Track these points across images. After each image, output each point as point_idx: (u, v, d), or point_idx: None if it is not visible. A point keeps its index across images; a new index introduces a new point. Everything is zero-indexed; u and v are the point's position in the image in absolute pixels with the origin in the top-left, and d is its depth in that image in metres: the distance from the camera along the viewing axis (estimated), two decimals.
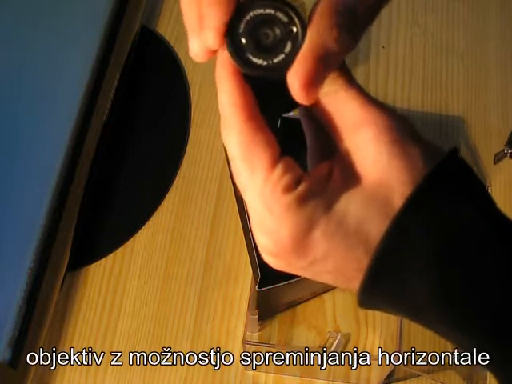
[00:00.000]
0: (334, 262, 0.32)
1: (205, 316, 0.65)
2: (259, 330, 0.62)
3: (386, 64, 0.78)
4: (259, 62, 0.32)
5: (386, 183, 0.31)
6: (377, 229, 0.31)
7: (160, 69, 0.77)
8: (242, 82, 0.33)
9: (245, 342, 0.58)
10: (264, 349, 0.58)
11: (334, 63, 0.32)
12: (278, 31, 0.32)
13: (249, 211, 0.33)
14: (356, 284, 0.32)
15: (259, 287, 0.56)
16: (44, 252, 0.60)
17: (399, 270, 0.31)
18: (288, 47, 0.32)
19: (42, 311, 0.60)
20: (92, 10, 0.71)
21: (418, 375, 0.62)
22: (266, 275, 0.57)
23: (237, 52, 0.32)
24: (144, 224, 0.69)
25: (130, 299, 0.65)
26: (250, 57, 0.32)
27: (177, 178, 0.71)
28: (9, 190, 0.62)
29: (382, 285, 0.32)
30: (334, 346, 0.61)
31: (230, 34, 0.32)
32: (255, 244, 0.34)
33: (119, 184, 0.71)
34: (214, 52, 0.33)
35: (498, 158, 0.71)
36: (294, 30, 0.32)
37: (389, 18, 0.81)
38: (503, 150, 0.72)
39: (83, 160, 0.66)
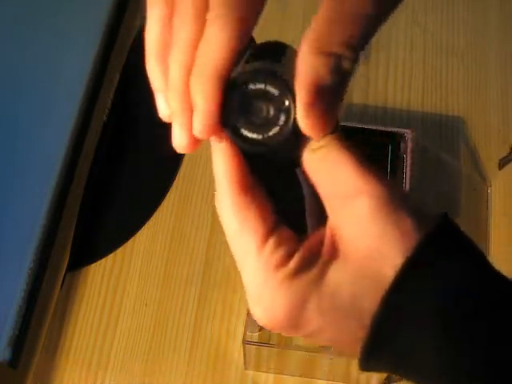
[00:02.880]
0: (328, 335, 0.32)
1: (205, 316, 0.65)
2: (259, 330, 0.62)
3: (385, 64, 0.78)
4: (253, 136, 0.32)
5: (378, 255, 0.31)
6: (370, 301, 0.31)
7: None
8: (236, 153, 0.33)
9: (245, 342, 0.58)
10: (264, 349, 0.58)
11: (332, 91, 0.31)
12: (270, 105, 0.32)
13: (244, 284, 0.34)
14: (353, 352, 0.32)
15: None
16: (44, 252, 0.60)
17: (395, 342, 0.31)
18: (281, 119, 0.32)
19: (41, 311, 0.60)
20: (92, 10, 0.71)
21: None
22: None
23: (230, 127, 0.32)
24: (144, 224, 0.69)
25: (129, 299, 0.65)
26: (244, 132, 0.32)
27: (177, 178, 0.71)
28: (9, 190, 0.62)
29: (380, 358, 0.32)
30: None
31: (221, 110, 0.32)
32: None
33: (119, 184, 0.71)
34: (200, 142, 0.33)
35: (502, 163, 0.71)
36: (286, 103, 0.31)
37: (389, 18, 0.80)
38: (508, 155, 0.71)
39: (83, 160, 0.66)
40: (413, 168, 0.64)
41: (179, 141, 0.33)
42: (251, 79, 0.32)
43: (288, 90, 0.31)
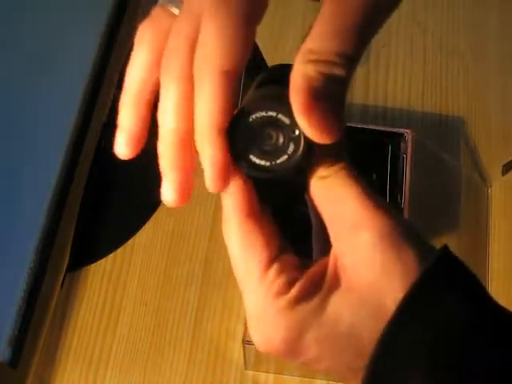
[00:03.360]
0: (326, 363, 0.32)
1: (205, 316, 0.65)
2: None
3: (385, 64, 0.78)
4: (262, 163, 0.32)
5: (379, 288, 0.31)
6: (369, 333, 0.31)
7: None
8: (244, 180, 0.33)
9: (245, 342, 0.58)
10: None
11: (332, 94, 0.31)
12: (280, 132, 0.32)
13: (245, 308, 0.33)
14: (351, 380, 0.32)
15: None
16: (44, 252, 0.60)
17: (395, 377, 0.31)
18: (291, 147, 0.32)
19: (41, 311, 0.60)
20: (92, 10, 0.71)
21: None
22: None
23: (238, 154, 0.32)
24: (144, 224, 0.69)
25: (129, 299, 0.65)
26: (253, 158, 0.32)
27: None
28: (9, 190, 0.62)
29: None
30: None
31: (231, 136, 0.32)
32: None
33: (119, 184, 0.71)
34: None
35: (506, 169, 0.71)
36: (296, 132, 0.32)
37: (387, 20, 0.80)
38: (511, 161, 0.71)
39: (83, 160, 0.66)
40: (413, 168, 0.64)
41: (169, 196, 0.34)
42: (261, 107, 0.32)
43: (289, 108, 0.31)
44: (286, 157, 0.32)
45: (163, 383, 0.62)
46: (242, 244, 0.33)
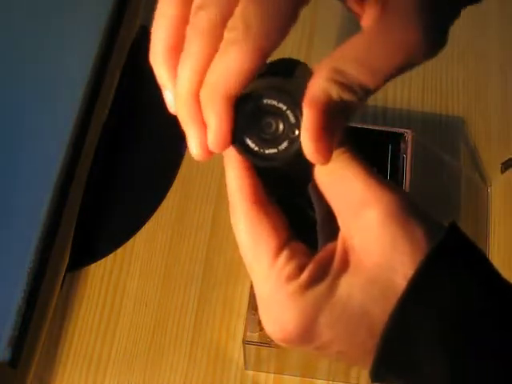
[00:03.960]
0: (339, 346, 0.32)
1: (205, 316, 0.65)
2: (259, 330, 0.62)
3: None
4: (262, 151, 0.33)
5: (389, 265, 0.31)
6: (380, 311, 0.31)
7: None
8: (248, 167, 0.33)
9: (245, 342, 0.58)
10: (264, 349, 0.58)
11: (341, 116, 0.32)
12: (280, 121, 0.32)
13: (256, 297, 0.34)
14: (362, 364, 0.33)
15: None
16: (44, 252, 0.60)
17: (407, 353, 0.31)
18: (291, 136, 0.32)
19: (41, 311, 0.60)
20: (92, 10, 0.71)
21: None
22: None
23: (239, 141, 0.32)
24: (144, 224, 0.69)
25: (129, 299, 0.65)
26: (253, 146, 0.33)
27: (177, 178, 0.71)
28: (9, 190, 0.62)
29: (391, 368, 0.32)
30: None
31: (235, 115, 0.32)
32: None
33: (119, 184, 0.71)
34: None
35: (504, 167, 0.71)
36: (296, 119, 0.32)
37: None
38: (510, 159, 0.71)
39: (83, 160, 0.66)
40: (413, 168, 0.64)
41: (192, 150, 0.33)
42: (263, 95, 0.32)
43: (298, 107, 0.32)
44: (285, 144, 0.32)
45: (163, 383, 0.62)
46: (250, 232, 0.33)
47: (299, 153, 0.32)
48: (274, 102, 0.32)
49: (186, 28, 0.32)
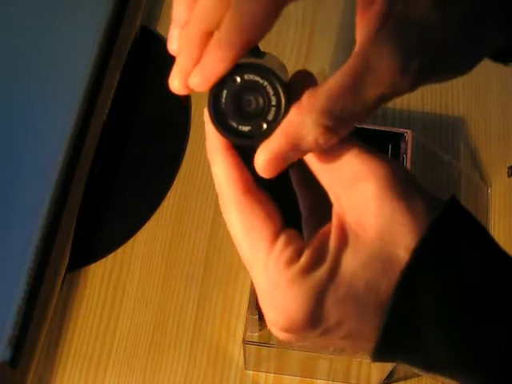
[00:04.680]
0: (347, 327, 0.32)
1: (205, 316, 0.65)
2: (259, 330, 0.62)
3: None
4: (243, 128, 0.32)
5: (390, 238, 0.31)
6: (386, 285, 0.31)
7: (160, 69, 0.77)
8: (233, 155, 0.33)
9: (245, 342, 0.58)
10: (264, 349, 0.58)
11: (304, 153, 0.32)
12: (261, 100, 0.32)
13: (255, 288, 0.33)
14: (367, 346, 0.32)
15: None
16: (44, 252, 0.60)
17: (412, 325, 0.31)
18: (271, 114, 0.32)
19: (41, 311, 0.60)
20: (92, 10, 0.71)
21: (419, 375, 0.62)
22: None
23: (218, 117, 0.32)
24: (144, 224, 0.69)
25: (130, 299, 0.65)
26: (232, 123, 0.32)
27: (177, 178, 0.71)
28: (9, 190, 0.62)
29: (396, 341, 0.31)
30: None
31: (213, 96, 0.32)
32: None
33: (119, 184, 0.71)
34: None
35: (511, 171, 0.70)
36: (277, 97, 0.32)
37: None
38: None
39: (83, 160, 0.66)
40: (413, 168, 0.64)
41: (173, 80, 0.33)
42: (249, 70, 0.32)
43: (280, 84, 0.31)
44: (267, 122, 0.32)
45: (163, 383, 0.62)
46: (243, 222, 0.32)
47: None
48: (253, 79, 0.32)
49: None
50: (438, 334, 0.30)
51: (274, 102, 0.32)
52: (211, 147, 0.33)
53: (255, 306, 0.58)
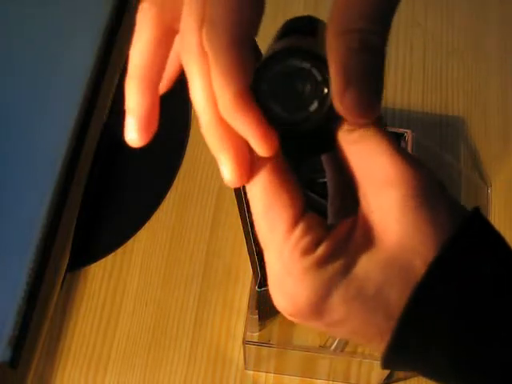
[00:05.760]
0: (351, 326, 0.31)
1: (205, 316, 0.65)
2: (259, 330, 0.62)
3: (385, 64, 0.78)
4: (280, 114, 0.30)
5: (410, 247, 0.30)
6: (398, 294, 0.30)
7: None
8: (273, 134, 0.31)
9: (245, 342, 0.58)
10: (264, 349, 0.58)
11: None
12: (308, 87, 0.30)
13: (267, 270, 0.32)
14: (374, 345, 0.32)
15: (259, 287, 0.56)
16: (44, 252, 0.60)
17: (423, 337, 0.30)
18: (314, 106, 0.30)
19: (41, 311, 0.60)
20: (92, 10, 0.71)
21: (418, 375, 0.61)
22: (266, 275, 0.57)
23: (259, 99, 0.30)
24: (144, 224, 0.69)
25: (130, 299, 0.65)
26: (273, 107, 0.30)
27: (177, 178, 0.71)
28: (9, 190, 0.62)
29: (405, 352, 0.31)
30: (334, 345, 0.61)
31: (256, 81, 0.30)
32: (255, 244, 0.34)
33: (119, 184, 0.71)
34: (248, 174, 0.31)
35: None
36: (325, 90, 0.30)
37: None
38: None
39: (83, 160, 0.66)
40: None
41: (228, 177, 0.31)
42: (297, 56, 0.30)
43: (324, 63, 0.30)
44: (312, 108, 0.30)
45: (163, 383, 0.62)
46: (266, 200, 0.31)
47: (330, 115, 0.30)
48: (297, 62, 0.30)
49: (161, 51, 0.32)
50: (448, 348, 0.30)
51: (320, 83, 0.30)
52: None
53: (255, 306, 0.58)
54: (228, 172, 0.31)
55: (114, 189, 0.71)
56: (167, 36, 0.33)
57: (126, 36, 0.73)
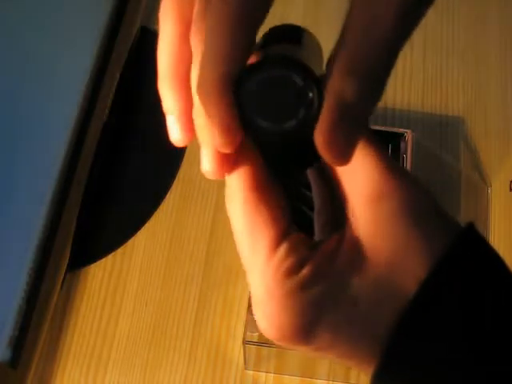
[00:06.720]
0: (340, 350, 0.30)
1: (205, 316, 0.65)
2: (259, 330, 0.62)
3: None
4: (266, 125, 0.29)
5: (401, 264, 0.29)
6: (387, 314, 0.28)
7: None
8: (251, 147, 0.30)
9: (245, 342, 0.58)
10: (264, 349, 0.58)
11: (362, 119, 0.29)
12: (290, 94, 0.28)
13: (251, 291, 0.31)
14: (364, 367, 0.30)
15: None
16: (44, 252, 0.60)
17: (410, 360, 0.29)
18: (301, 113, 0.28)
19: (41, 311, 0.60)
20: (92, 10, 0.71)
21: None
22: None
23: (242, 113, 0.28)
24: (144, 224, 0.69)
25: (130, 299, 0.65)
26: (257, 120, 0.29)
27: (177, 178, 0.71)
28: (9, 190, 0.62)
29: (394, 375, 0.29)
30: None
31: (237, 94, 0.28)
32: None
33: (119, 184, 0.71)
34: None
35: None
36: (310, 95, 0.28)
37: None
38: None
39: (83, 160, 0.66)
40: (413, 168, 0.64)
41: (205, 166, 0.30)
42: (275, 64, 0.29)
43: (312, 79, 0.28)
44: (294, 121, 0.29)
45: (163, 383, 0.62)
46: (247, 220, 0.29)
47: (309, 131, 0.28)
48: (283, 73, 0.28)
49: (187, 47, 0.31)
50: (435, 372, 0.29)
51: (303, 87, 0.29)
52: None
53: None
54: (206, 162, 0.29)
55: (114, 189, 0.71)
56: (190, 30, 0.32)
57: (126, 36, 0.73)
